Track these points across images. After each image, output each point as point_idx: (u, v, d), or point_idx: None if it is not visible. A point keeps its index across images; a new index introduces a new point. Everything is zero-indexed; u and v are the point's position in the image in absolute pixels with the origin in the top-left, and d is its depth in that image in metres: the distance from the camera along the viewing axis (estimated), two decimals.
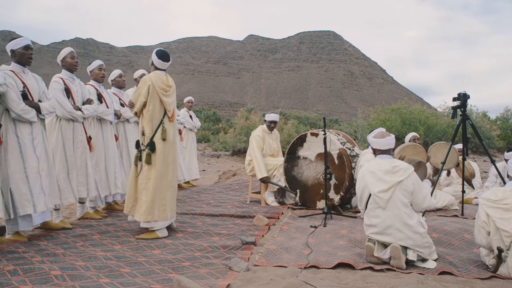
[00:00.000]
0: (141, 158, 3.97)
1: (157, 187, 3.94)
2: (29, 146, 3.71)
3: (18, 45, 3.78)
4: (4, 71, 3.66)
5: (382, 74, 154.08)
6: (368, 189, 3.29)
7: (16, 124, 3.67)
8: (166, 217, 4.00)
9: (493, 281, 2.83)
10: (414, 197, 3.18)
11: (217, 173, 10.81)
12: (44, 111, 3.86)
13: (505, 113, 20.48)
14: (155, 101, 3.94)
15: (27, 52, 3.81)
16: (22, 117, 3.65)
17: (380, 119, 16.30)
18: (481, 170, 8.57)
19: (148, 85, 3.92)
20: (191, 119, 8.16)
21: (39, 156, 3.78)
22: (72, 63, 4.48)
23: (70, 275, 2.79)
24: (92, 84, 5.01)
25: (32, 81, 3.88)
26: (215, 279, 2.79)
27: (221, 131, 19.91)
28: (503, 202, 2.93)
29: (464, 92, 4.72)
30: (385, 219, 3.15)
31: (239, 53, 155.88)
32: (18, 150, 3.64)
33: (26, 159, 3.67)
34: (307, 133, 5.65)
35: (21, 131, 3.68)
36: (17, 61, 3.81)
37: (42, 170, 3.79)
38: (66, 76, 4.46)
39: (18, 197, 3.61)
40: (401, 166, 3.22)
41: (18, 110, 3.61)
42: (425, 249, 3.11)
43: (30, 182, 3.67)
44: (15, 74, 3.73)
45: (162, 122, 3.98)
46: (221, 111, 65.24)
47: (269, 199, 5.87)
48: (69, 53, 4.49)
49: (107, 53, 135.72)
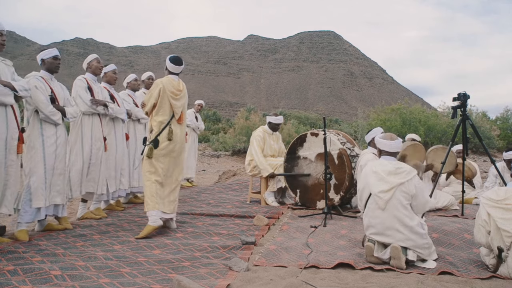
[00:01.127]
0: (143, 152, 4.23)
1: (158, 180, 4.12)
2: (52, 145, 4.06)
3: (48, 55, 4.21)
4: (36, 76, 4.08)
5: (382, 74, 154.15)
6: (369, 188, 3.29)
7: (42, 125, 4.04)
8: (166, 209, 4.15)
9: (493, 281, 2.83)
10: (415, 201, 3.18)
11: (217, 173, 10.82)
12: (68, 115, 4.24)
13: (505, 113, 20.49)
14: (164, 103, 4.17)
15: (56, 62, 4.24)
16: (50, 118, 4.02)
17: (380, 119, 16.30)
18: (481, 170, 8.56)
19: (159, 88, 4.16)
20: (196, 120, 8.37)
21: (58, 155, 4.12)
22: (97, 66, 4.93)
23: (70, 275, 2.79)
24: (104, 86, 5.25)
25: (58, 88, 4.27)
26: (215, 279, 2.79)
27: (221, 131, 19.93)
28: (505, 202, 2.93)
29: (464, 92, 4.72)
30: (384, 220, 3.15)
31: (239, 53, 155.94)
32: (41, 148, 3.99)
33: (46, 156, 4.00)
34: (307, 133, 5.65)
35: (46, 131, 4.05)
36: (46, 69, 4.22)
37: (56, 168, 4.12)
38: (90, 77, 4.88)
39: (35, 191, 3.90)
40: (404, 168, 3.22)
41: (47, 112, 3.99)
42: (425, 250, 3.12)
43: (47, 178, 4.00)
44: (44, 80, 4.12)
45: (169, 123, 4.19)
46: (221, 111, 65.30)
47: (269, 199, 5.88)
48: (95, 58, 4.96)
49: (107, 53, 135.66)
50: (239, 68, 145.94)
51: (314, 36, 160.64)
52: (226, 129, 21.01)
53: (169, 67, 4.31)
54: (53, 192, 4.07)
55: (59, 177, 4.14)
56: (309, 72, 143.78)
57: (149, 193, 4.11)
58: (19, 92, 3.65)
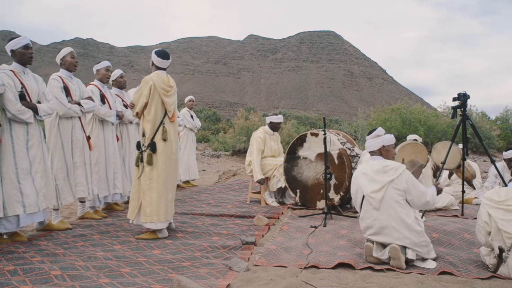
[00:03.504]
0: (143, 159, 3.95)
1: (161, 187, 3.93)
2: (23, 147, 3.69)
3: (18, 45, 3.78)
4: (4, 70, 3.66)
5: (382, 74, 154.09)
6: (361, 190, 3.30)
7: (11, 124, 3.65)
8: (169, 217, 4.02)
9: (493, 281, 2.83)
10: (409, 195, 3.16)
11: (217, 173, 10.81)
12: (41, 113, 3.83)
13: (504, 113, 20.48)
14: (156, 102, 3.92)
15: (27, 52, 3.80)
16: (18, 118, 3.63)
17: (380, 119, 16.29)
18: (481, 170, 8.56)
19: (150, 85, 3.90)
20: (192, 119, 8.13)
21: (33, 158, 3.75)
22: (72, 62, 4.49)
23: (70, 275, 2.79)
24: (96, 84, 5.03)
25: (31, 82, 3.86)
26: (215, 279, 2.79)
27: (221, 131, 19.91)
28: (506, 203, 2.92)
29: (464, 92, 4.71)
30: (380, 220, 3.15)
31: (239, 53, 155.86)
32: (11, 150, 3.61)
33: (18, 159, 3.64)
34: (307, 133, 5.65)
35: (15, 131, 3.66)
36: (17, 61, 3.80)
37: (36, 171, 3.76)
38: (65, 75, 4.47)
39: (7, 198, 3.56)
40: (391, 166, 3.22)
41: (14, 111, 3.59)
42: (423, 248, 3.11)
43: (21, 183, 3.63)
44: (15, 74, 3.72)
45: (162, 122, 3.97)
46: (221, 111, 65.26)
47: (269, 199, 5.88)
48: (69, 53, 4.51)
49: (107, 53, 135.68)
50: (239, 68, 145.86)
51: (314, 36, 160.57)
52: (226, 129, 21.00)
53: (156, 62, 4.01)
54: (40, 197, 3.76)
55: (41, 180, 3.79)
56: (309, 72, 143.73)
57: (150, 203, 3.88)
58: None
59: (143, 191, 3.94)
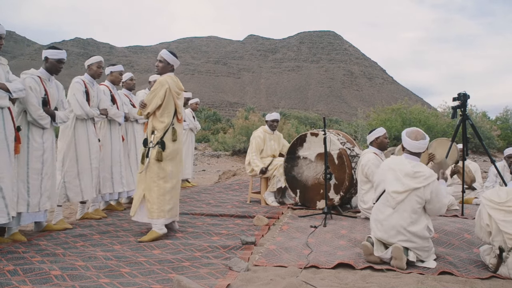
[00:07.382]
0: (148, 155, 4.00)
1: (167, 184, 4.00)
2: (37, 149, 3.90)
3: (54, 56, 4.05)
4: (32, 76, 3.91)
5: (382, 74, 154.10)
6: (384, 185, 3.26)
7: (29, 127, 3.88)
8: (174, 215, 4.09)
9: (493, 281, 2.83)
10: (429, 204, 3.13)
11: (217, 173, 10.81)
12: (58, 120, 4.07)
13: (504, 113, 20.48)
14: (170, 104, 4.02)
15: (59, 65, 4.08)
16: (37, 122, 3.87)
17: (380, 119, 16.29)
18: (481, 170, 8.54)
19: (165, 88, 3.96)
20: (194, 119, 8.27)
21: (45, 160, 3.96)
22: (97, 71, 4.75)
23: (70, 275, 2.79)
24: (107, 85, 5.23)
25: (53, 90, 4.10)
26: (215, 279, 2.79)
27: (221, 131, 19.91)
28: (506, 204, 2.91)
29: (464, 92, 4.71)
30: (392, 219, 3.14)
31: (239, 53, 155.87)
32: (25, 151, 3.82)
33: (30, 160, 3.84)
34: (307, 133, 5.65)
35: (32, 134, 3.89)
36: (47, 68, 4.05)
37: (45, 173, 3.96)
38: (88, 80, 4.72)
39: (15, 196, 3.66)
40: (423, 173, 3.13)
41: (36, 115, 3.83)
42: (424, 253, 3.12)
43: (30, 182, 3.82)
44: (41, 81, 3.96)
45: (172, 123, 4.06)
46: (221, 111, 65.30)
47: (269, 199, 5.88)
48: (97, 62, 4.75)
49: (107, 53, 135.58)
50: (239, 68, 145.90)
51: (314, 36, 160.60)
52: (226, 129, 21.00)
53: (171, 61, 4.08)
54: (43, 198, 3.91)
55: (48, 182, 3.98)
56: (309, 72, 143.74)
57: (157, 199, 3.94)
58: (14, 94, 3.51)
59: (149, 188, 3.98)
